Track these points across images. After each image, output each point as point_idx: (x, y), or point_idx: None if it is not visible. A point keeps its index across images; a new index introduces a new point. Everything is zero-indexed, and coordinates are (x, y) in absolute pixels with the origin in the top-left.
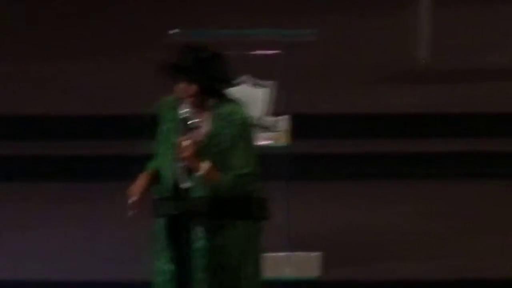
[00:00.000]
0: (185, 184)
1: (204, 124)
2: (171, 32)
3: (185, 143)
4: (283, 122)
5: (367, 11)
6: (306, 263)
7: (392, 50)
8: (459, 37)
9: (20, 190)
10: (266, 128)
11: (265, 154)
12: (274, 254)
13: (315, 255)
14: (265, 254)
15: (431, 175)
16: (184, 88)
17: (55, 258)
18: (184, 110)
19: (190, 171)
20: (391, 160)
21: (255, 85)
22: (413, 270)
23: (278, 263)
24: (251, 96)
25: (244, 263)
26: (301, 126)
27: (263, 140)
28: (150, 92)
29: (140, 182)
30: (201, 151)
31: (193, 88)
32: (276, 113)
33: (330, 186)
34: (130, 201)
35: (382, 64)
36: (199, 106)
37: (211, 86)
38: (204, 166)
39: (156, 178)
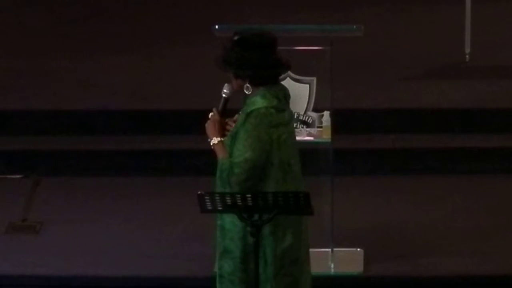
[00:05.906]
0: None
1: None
2: (214, 27)
3: (211, 114)
4: (325, 117)
5: (410, 7)
6: (349, 258)
7: (435, 45)
8: (503, 33)
9: (65, 185)
10: (308, 124)
11: (308, 149)
12: (317, 249)
13: (358, 250)
14: (309, 250)
15: (475, 171)
16: (232, 78)
17: (100, 253)
18: (225, 90)
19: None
20: (434, 155)
21: (297, 81)
22: (457, 266)
23: (321, 258)
24: (294, 91)
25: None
26: (344, 122)
27: (306, 136)
28: (193, 87)
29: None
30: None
31: (238, 81)
32: (318, 109)
33: (373, 182)
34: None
35: (425, 59)
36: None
37: (254, 79)
38: (216, 139)
39: None
